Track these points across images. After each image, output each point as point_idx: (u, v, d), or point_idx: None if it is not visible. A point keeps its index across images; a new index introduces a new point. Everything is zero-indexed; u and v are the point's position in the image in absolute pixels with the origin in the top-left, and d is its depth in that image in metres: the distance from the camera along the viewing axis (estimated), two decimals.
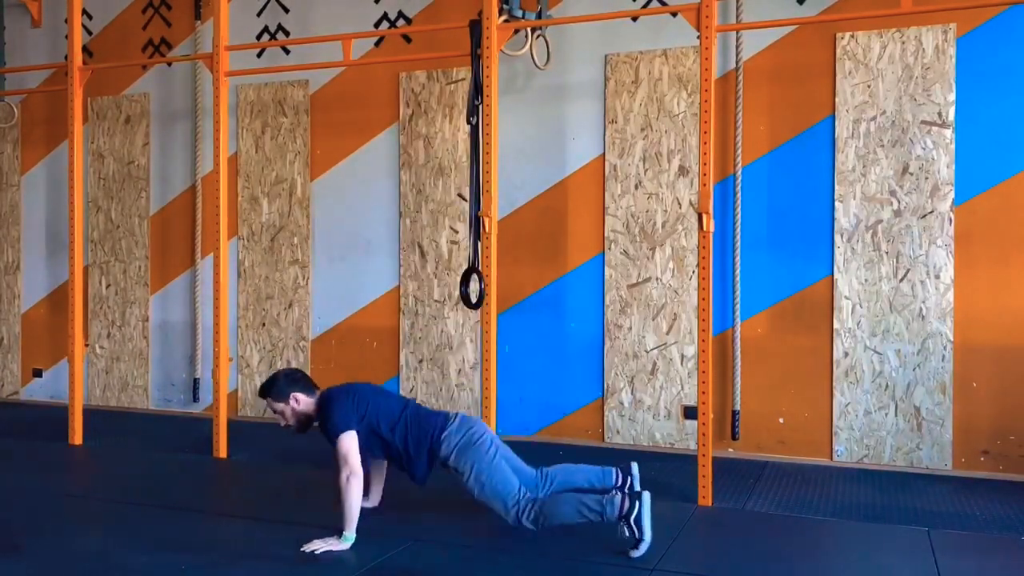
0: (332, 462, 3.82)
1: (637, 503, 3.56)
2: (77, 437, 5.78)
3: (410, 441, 3.87)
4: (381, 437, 3.88)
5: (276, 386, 3.97)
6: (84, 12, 6.78)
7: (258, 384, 6.48)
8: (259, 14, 6.56)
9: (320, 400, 3.97)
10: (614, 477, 3.93)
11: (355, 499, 3.68)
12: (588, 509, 3.63)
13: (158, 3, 6.87)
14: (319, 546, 3.61)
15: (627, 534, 3.56)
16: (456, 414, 3.97)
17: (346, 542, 3.64)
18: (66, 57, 5.84)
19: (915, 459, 5.04)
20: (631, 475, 3.95)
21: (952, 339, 4.97)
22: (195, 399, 6.77)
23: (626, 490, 3.81)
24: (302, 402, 3.97)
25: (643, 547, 3.56)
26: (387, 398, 4.03)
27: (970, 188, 4.96)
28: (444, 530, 3.92)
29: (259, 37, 6.55)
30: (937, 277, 5.00)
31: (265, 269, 6.54)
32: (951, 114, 4.97)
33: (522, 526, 3.71)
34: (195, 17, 6.74)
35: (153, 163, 6.91)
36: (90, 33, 7.04)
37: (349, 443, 3.75)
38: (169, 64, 6.80)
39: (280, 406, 3.98)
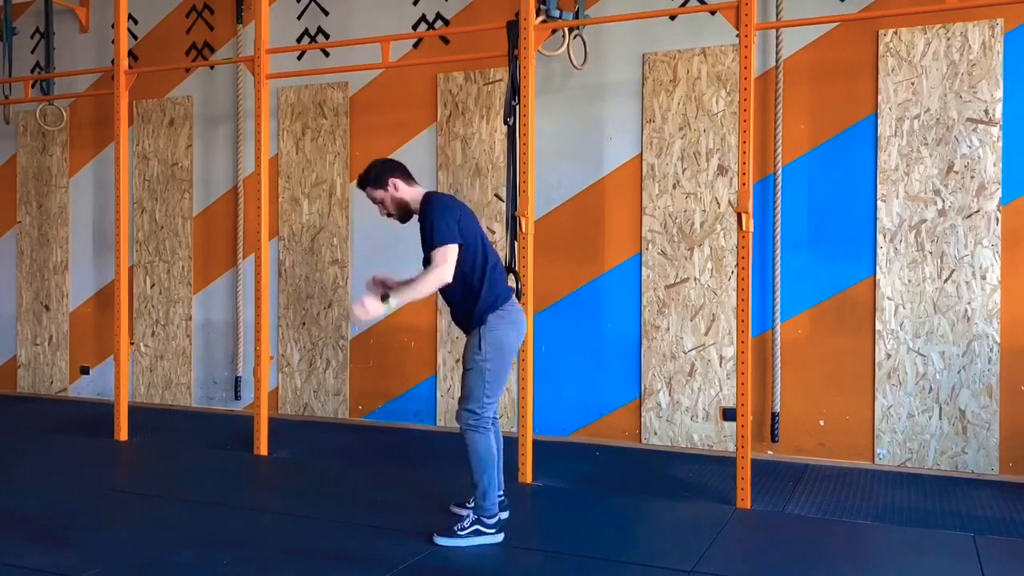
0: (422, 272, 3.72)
1: (493, 531, 3.77)
2: (122, 434, 5.90)
3: (485, 288, 3.75)
4: (461, 270, 3.74)
5: (372, 173, 3.92)
6: (130, 17, 6.92)
7: (299, 383, 6.59)
8: (299, 17, 6.64)
9: (426, 198, 3.84)
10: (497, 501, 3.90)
11: (425, 288, 3.64)
12: (488, 477, 3.76)
13: (201, 7, 6.99)
14: (360, 310, 3.55)
15: (460, 521, 3.76)
16: (515, 299, 3.91)
17: (387, 308, 3.57)
18: (113, 61, 5.96)
19: (960, 463, 4.94)
20: (504, 512, 3.99)
21: (999, 341, 4.87)
22: (237, 397, 6.88)
23: (501, 514, 3.89)
24: (401, 188, 3.91)
25: (439, 540, 3.72)
26: (483, 238, 3.87)
27: (1018, 187, 4.85)
28: None
29: (299, 40, 6.63)
30: (983, 278, 4.90)
31: (305, 269, 6.61)
32: (998, 111, 4.87)
33: (459, 422, 3.78)
34: (237, 21, 6.84)
35: (196, 165, 7.03)
36: (135, 37, 7.18)
37: (451, 255, 3.64)
38: (212, 67, 6.91)
39: (379, 193, 3.91)
